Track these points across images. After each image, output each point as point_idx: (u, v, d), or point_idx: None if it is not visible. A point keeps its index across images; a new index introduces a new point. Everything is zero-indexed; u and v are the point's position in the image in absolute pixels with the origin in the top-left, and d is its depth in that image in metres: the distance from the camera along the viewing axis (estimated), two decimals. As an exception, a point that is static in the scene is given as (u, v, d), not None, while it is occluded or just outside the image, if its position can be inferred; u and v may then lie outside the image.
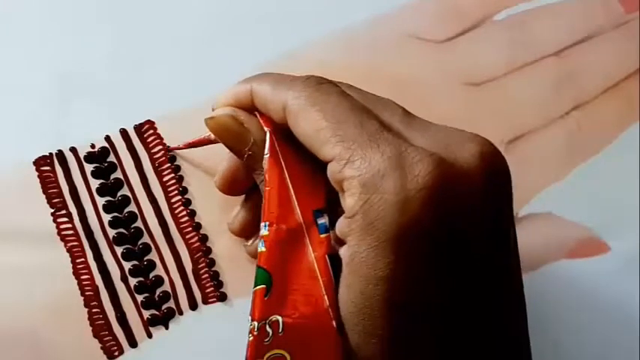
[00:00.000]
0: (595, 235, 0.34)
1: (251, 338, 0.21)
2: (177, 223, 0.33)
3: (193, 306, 0.33)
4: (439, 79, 0.35)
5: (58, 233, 0.32)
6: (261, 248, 0.22)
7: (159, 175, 0.33)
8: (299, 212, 0.22)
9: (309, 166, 0.23)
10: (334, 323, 0.21)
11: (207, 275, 0.33)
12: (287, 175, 0.23)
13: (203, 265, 0.33)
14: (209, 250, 0.33)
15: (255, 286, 0.22)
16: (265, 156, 0.23)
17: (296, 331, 0.21)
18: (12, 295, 0.32)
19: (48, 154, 0.33)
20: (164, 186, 0.33)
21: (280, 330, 0.21)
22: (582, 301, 0.34)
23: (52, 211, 0.33)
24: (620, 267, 0.34)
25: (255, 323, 0.21)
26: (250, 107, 0.26)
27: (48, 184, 0.33)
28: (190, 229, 0.33)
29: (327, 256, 0.22)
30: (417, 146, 0.21)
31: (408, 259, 0.20)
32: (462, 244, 0.21)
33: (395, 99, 0.35)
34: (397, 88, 0.35)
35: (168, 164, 0.33)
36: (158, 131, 0.33)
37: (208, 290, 0.33)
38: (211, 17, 0.35)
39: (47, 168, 0.33)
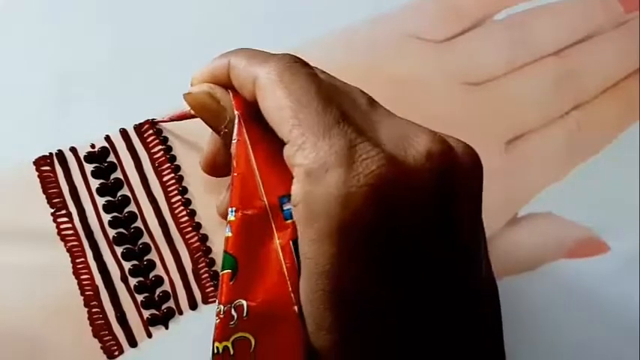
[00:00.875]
0: (595, 235, 0.34)
1: (217, 321, 0.22)
2: (177, 223, 0.33)
3: (193, 306, 0.33)
4: (439, 79, 0.35)
5: (58, 233, 0.32)
6: (228, 233, 0.22)
7: (159, 175, 0.33)
8: (265, 198, 0.22)
9: (279, 148, 0.23)
10: (296, 309, 0.21)
11: (207, 275, 0.33)
12: (254, 161, 0.23)
13: (203, 264, 0.33)
14: (209, 250, 0.33)
15: (221, 271, 0.22)
16: (233, 141, 0.23)
17: (260, 315, 0.22)
18: (12, 295, 0.32)
19: (48, 154, 0.33)
20: (164, 186, 0.33)
21: (245, 314, 0.21)
22: (581, 301, 0.34)
23: (52, 211, 0.33)
24: (620, 267, 0.34)
25: (222, 307, 0.22)
26: (227, 82, 0.26)
27: (48, 184, 0.33)
28: (190, 228, 0.33)
29: (291, 242, 0.22)
30: (369, 141, 0.21)
31: (350, 254, 0.20)
32: (411, 242, 0.21)
33: (395, 99, 0.35)
34: (397, 88, 0.35)
35: (168, 164, 0.33)
36: (158, 131, 0.33)
37: (208, 290, 0.33)
38: (211, 17, 0.35)
39: (47, 168, 0.33)
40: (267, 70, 0.23)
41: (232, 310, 0.22)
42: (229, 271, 0.22)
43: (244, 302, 0.22)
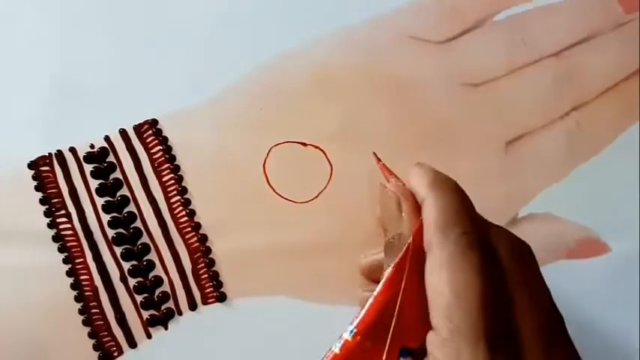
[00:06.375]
0: (595, 235, 0.34)
1: None
2: (177, 223, 0.33)
3: (193, 306, 0.33)
4: (439, 79, 0.35)
5: (57, 233, 0.32)
6: (336, 350, 0.22)
7: (158, 175, 0.33)
8: (388, 341, 0.21)
9: (426, 300, 0.22)
10: None
11: (206, 275, 0.33)
12: (400, 299, 0.22)
13: (202, 265, 0.33)
14: (208, 250, 0.33)
15: None
16: (391, 265, 0.22)
17: None
18: (11, 296, 0.32)
19: (47, 154, 0.33)
20: (163, 186, 0.33)
21: None
22: (582, 301, 0.34)
23: (52, 211, 0.33)
24: (620, 267, 0.34)
25: None
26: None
27: (47, 184, 0.33)
28: (190, 229, 0.33)
29: None
30: None
31: None
32: None
33: (395, 99, 0.35)
34: (397, 89, 0.35)
35: (168, 164, 0.33)
36: (157, 132, 0.33)
37: (207, 290, 0.33)
38: (211, 17, 0.35)
39: (46, 168, 0.33)
40: (443, 245, 0.22)
41: None
42: None
43: None
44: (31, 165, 0.33)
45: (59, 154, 0.33)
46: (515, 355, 0.21)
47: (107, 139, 0.33)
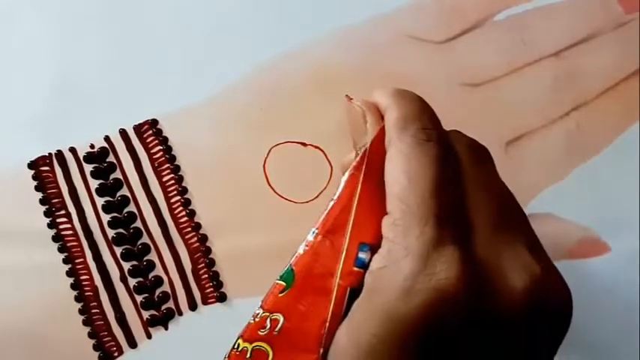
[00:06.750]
0: (595, 235, 0.34)
1: (252, 322, 0.22)
2: (177, 224, 0.33)
3: (193, 306, 0.33)
4: (439, 79, 0.35)
5: (57, 233, 0.32)
6: (300, 250, 0.23)
7: (158, 175, 0.33)
8: (348, 238, 0.23)
9: (383, 199, 0.23)
10: (321, 351, 0.22)
11: (206, 275, 0.33)
12: (357, 200, 0.23)
13: (202, 265, 0.33)
14: (208, 251, 0.33)
15: (278, 279, 0.23)
16: (348, 170, 0.23)
17: (289, 337, 0.22)
18: (11, 296, 0.32)
19: (47, 154, 0.33)
20: (163, 186, 0.33)
21: (277, 329, 0.22)
22: (582, 301, 0.34)
23: (52, 211, 0.33)
24: (620, 267, 0.34)
25: (261, 311, 0.22)
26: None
27: (47, 184, 0.33)
28: (190, 229, 0.33)
29: (348, 289, 0.22)
30: (457, 247, 0.21)
31: (388, 344, 0.20)
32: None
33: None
34: (397, 89, 0.35)
35: (168, 164, 0.33)
36: (157, 132, 0.33)
37: (208, 290, 0.33)
38: (211, 17, 0.35)
39: (46, 168, 0.33)
40: (401, 138, 0.23)
41: (268, 319, 0.22)
42: (284, 284, 0.22)
43: (281, 318, 0.22)
44: (31, 165, 0.33)
45: (59, 154, 0.33)
46: (464, 236, 0.21)
47: (107, 139, 0.33)
